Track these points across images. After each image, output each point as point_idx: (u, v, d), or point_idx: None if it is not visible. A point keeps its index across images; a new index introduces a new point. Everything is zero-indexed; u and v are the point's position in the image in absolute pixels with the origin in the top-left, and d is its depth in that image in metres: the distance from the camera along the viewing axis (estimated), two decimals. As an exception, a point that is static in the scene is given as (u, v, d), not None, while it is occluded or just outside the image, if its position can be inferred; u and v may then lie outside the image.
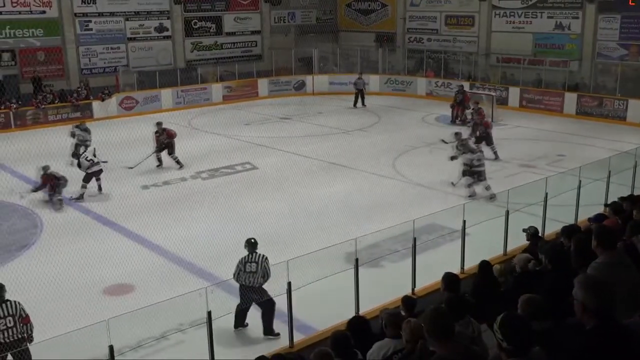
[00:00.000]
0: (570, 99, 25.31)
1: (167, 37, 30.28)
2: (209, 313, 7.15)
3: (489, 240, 10.79)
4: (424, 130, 22.65)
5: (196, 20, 31.06)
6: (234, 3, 32.13)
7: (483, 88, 26.97)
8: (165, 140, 17.91)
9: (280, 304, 8.49)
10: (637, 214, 7.19)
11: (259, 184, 16.26)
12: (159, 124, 18.18)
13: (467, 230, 10.17)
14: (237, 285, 8.92)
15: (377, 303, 8.53)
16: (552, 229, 10.29)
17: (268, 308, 8.83)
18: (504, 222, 10.67)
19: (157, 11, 29.79)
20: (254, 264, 8.76)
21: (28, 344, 7.32)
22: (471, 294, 6.86)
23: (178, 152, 17.96)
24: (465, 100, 24.17)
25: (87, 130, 18.39)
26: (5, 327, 7.15)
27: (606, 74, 25.77)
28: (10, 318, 7.17)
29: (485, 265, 7.64)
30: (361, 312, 8.49)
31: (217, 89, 28.97)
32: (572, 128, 22.72)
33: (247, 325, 9.11)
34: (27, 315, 7.31)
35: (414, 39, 32.88)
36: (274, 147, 20.12)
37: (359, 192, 15.45)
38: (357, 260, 8.60)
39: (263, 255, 8.89)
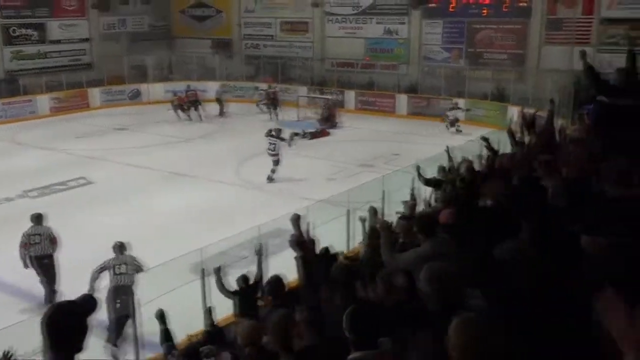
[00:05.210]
0: (402, 100, 26.75)
1: (-18, 46, 27.73)
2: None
3: (333, 239, 10.99)
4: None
5: (15, 28, 28.69)
6: (58, 9, 30.09)
7: (321, 92, 27.65)
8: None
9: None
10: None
11: (96, 199, 15.37)
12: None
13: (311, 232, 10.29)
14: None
15: (228, 312, 8.36)
16: (391, 224, 10.70)
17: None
18: (345, 221, 10.99)
19: (-31, 18, 27.22)
20: (123, 265, 8.74)
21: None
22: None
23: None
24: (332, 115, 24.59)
25: None
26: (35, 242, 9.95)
27: (432, 75, 27.52)
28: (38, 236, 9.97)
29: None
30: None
31: (43, 101, 26.97)
32: (405, 127, 23.95)
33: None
34: (54, 237, 10.05)
35: (251, 45, 32.96)
36: (110, 160, 19.12)
37: (204, 201, 15.11)
38: (203, 270, 8.38)
39: (130, 256, 8.90)
